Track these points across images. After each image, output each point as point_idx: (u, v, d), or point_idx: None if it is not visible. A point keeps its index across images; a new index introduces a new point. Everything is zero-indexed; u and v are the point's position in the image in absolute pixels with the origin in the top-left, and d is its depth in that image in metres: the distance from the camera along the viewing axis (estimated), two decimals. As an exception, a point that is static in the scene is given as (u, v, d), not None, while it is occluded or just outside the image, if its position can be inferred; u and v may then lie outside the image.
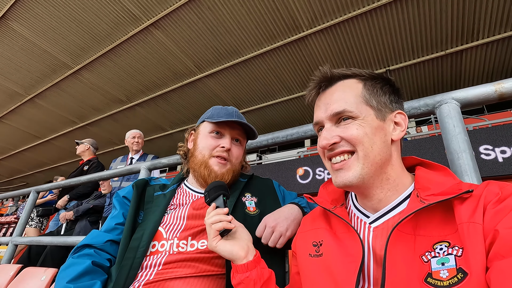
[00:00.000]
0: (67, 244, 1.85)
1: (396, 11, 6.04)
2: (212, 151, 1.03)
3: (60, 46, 7.34)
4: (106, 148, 13.03)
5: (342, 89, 0.69)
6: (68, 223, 3.36)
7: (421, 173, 0.64)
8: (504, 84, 0.81)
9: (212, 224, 0.75)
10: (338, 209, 0.69)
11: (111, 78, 8.55)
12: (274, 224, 0.86)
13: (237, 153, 1.06)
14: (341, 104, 0.66)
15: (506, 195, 0.51)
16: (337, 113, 0.66)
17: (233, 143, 1.06)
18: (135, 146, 3.45)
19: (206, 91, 8.96)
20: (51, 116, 10.83)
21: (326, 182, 0.81)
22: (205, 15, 6.32)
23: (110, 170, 2.02)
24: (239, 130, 1.07)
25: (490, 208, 0.50)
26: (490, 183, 0.56)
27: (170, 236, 0.89)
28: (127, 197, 1.07)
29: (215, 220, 0.75)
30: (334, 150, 0.66)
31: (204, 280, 0.81)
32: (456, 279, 0.47)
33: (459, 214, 0.52)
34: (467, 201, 0.53)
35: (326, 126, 0.68)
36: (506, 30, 6.34)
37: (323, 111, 0.69)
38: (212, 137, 1.04)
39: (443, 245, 0.52)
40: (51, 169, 16.15)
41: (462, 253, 0.49)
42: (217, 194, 0.80)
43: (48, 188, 2.51)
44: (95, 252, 0.91)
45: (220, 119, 1.01)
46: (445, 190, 0.56)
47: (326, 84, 0.71)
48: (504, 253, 0.43)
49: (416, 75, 8.03)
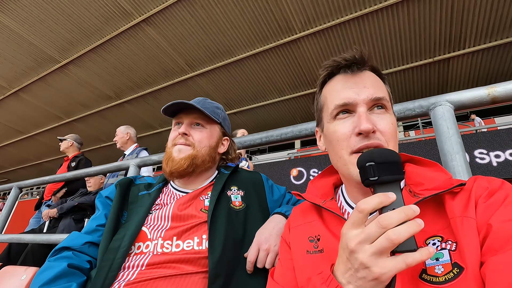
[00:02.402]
0: (50, 242, 1.78)
1: (387, 18, 6.16)
2: (173, 141, 1.02)
3: (48, 39, 7.15)
4: (93, 145, 12.75)
5: (374, 77, 0.66)
6: (51, 220, 3.25)
7: (411, 169, 0.63)
8: (497, 88, 0.83)
9: (391, 229, 0.39)
10: (328, 203, 0.67)
11: (100, 73, 8.38)
12: (267, 247, 0.83)
13: (199, 136, 1.01)
14: (380, 91, 0.62)
15: (494, 189, 0.51)
16: (377, 99, 0.61)
17: (192, 127, 1.03)
18: (117, 143, 3.38)
19: (197, 90, 8.89)
20: (36, 111, 10.53)
21: (314, 178, 0.79)
22: (198, 13, 6.27)
23: (98, 167, 1.96)
24: (197, 114, 1.03)
25: (481, 202, 0.50)
26: (478, 177, 0.56)
27: (154, 236, 0.86)
28: (110, 197, 1.02)
29: (396, 222, 0.40)
30: (370, 140, 0.58)
31: (187, 279, 0.78)
32: (452, 274, 0.46)
33: (451, 208, 0.51)
34: (458, 196, 0.53)
35: (361, 109, 0.60)
36: (491, 40, 6.57)
37: (356, 91, 0.61)
38: (174, 130, 1.04)
39: (436, 240, 0.51)
40: (35, 166, 15.68)
41: (456, 248, 0.48)
42: (394, 177, 0.47)
43: (31, 184, 2.43)
44: (73, 254, 0.87)
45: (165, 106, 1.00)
46: (438, 184, 0.56)
47: (358, 65, 0.65)
48: (498, 247, 0.43)
49: (405, 81, 8.21)
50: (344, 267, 0.44)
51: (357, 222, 0.43)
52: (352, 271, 0.42)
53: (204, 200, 0.96)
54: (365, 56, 0.65)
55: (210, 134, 1.05)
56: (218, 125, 1.10)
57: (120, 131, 3.39)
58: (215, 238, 0.82)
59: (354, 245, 0.41)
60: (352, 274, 0.42)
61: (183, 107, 1.02)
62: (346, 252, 0.43)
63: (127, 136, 3.38)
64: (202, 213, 0.91)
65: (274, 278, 0.70)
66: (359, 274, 0.41)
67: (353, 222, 0.43)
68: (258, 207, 0.99)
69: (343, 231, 0.45)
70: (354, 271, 0.42)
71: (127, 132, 3.39)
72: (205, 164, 1.03)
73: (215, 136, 1.08)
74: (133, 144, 3.40)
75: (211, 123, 1.07)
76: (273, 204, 1.04)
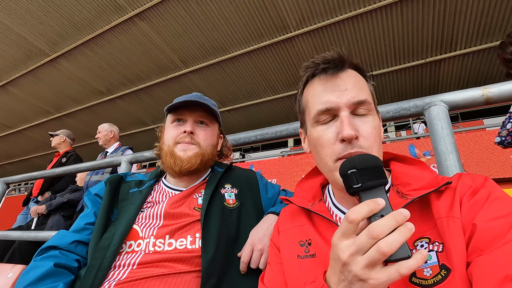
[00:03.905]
0: (38, 240, 1.74)
1: (381, 18, 6.21)
2: (176, 139, 0.98)
3: (37, 31, 6.96)
4: (84, 141, 12.52)
5: (356, 78, 0.63)
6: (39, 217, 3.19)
7: (397, 168, 0.63)
8: (491, 89, 0.84)
9: (382, 240, 0.38)
10: (316, 206, 0.66)
11: (91, 68, 8.22)
12: (261, 247, 0.82)
13: (204, 135, 1.00)
14: (363, 93, 0.60)
15: (478, 187, 0.51)
16: (360, 102, 0.59)
17: (197, 126, 1.01)
18: (99, 140, 3.33)
19: (191, 87, 8.80)
20: (24, 105, 10.27)
21: (301, 180, 0.77)
22: (192, 9, 6.20)
23: (89, 163, 1.92)
24: (202, 112, 1.02)
25: (466, 201, 0.50)
26: (462, 175, 0.56)
27: (146, 234, 0.84)
28: (99, 194, 1.00)
29: (387, 231, 0.38)
30: (354, 149, 0.56)
31: (179, 278, 0.77)
32: (440, 276, 0.47)
33: (437, 208, 0.51)
34: (443, 195, 0.53)
35: (345, 114, 0.58)
36: (481, 43, 6.69)
37: (338, 95, 0.59)
38: (174, 127, 1.01)
39: (423, 242, 0.51)
40: (23, 161, 15.34)
41: (443, 249, 0.48)
42: (377, 182, 0.46)
43: (19, 179, 2.37)
44: (60, 253, 0.84)
45: (175, 103, 0.97)
46: (425, 184, 0.55)
47: (338, 66, 0.62)
48: (483, 247, 0.44)
49: (397, 81, 8.30)
50: (337, 278, 0.43)
51: (348, 232, 0.41)
52: (346, 283, 0.42)
53: (197, 199, 0.95)
54: (345, 55, 0.63)
55: (212, 133, 1.05)
56: (217, 124, 1.09)
57: (103, 128, 3.35)
58: (208, 237, 0.81)
59: (346, 257, 0.40)
60: (346, 285, 0.42)
61: (188, 103, 0.99)
62: (338, 264, 0.42)
63: (111, 134, 3.35)
64: (196, 212, 0.90)
65: (264, 282, 0.69)
66: (353, 286, 0.40)
67: (344, 233, 0.42)
68: (252, 205, 0.98)
69: (334, 242, 0.43)
70: (348, 283, 0.41)
71: (111, 130, 3.36)
72: (208, 163, 1.02)
73: (216, 135, 1.07)
74: (116, 143, 3.37)
75: (213, 121, 1.07)
76: (267, 202, 1.03)
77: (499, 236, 0.43)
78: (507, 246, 0.41)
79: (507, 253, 0.41)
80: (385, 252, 0.37)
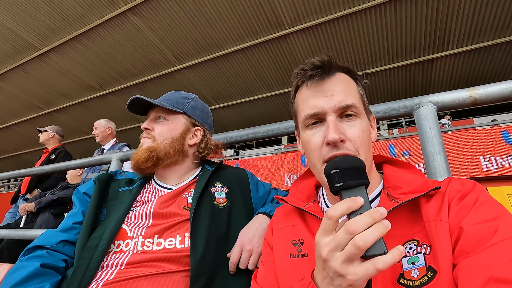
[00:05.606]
0: (27, 238, 1.71)
1: (375, 17, 6.24)
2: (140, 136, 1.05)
3: (27, 25, 6.81)
4: (75, 137, 12.35)
5: (344, 82, 0.64)
6: (28, 215, 3.14)
7: (389, 171, 0.64)
8: (478, 90, 0.85)
9: (358, 235, 0.39)
10: (310, 206, 0.67)
11: (83, 63, 8.09)
12: (250, 247, 0.82)
13: (159, 129, 1.02)
14: (350, 97, 0.61)
15: (466, 191, 0.52)
16: (346, 106, 0.60)
17: (155, 122, 1.04)
18: (96, 137, 3.29)
19: (184, 83, 8.74)
20: (13, 100, 10.07)
21: (296, 180, 0.79)
22: (186, 4, 6.14)
23: (78, 160, 1.90)
24: (159, 108, 1.04)
25: (454, 205, 0.51)
26: (452, 179, 0.57)
27: (135, 234, 0.83)
28: (88, 193, 0.98)
29: (364, 227, 0.39)
30: (339, 150, 0.58)
31: (168, 278, 0.77)
32: (426, 278, 0.48)
33: (426, 212, 0.52)
34: (433, 199, 0.54)
35: (331, 118, 0.60)
36: (473, 43, 6.79)
37: (324, 100, 0.61)
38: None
39: (412, 244, 0.52)
40: (12, 157, 15.06)
41: (430, 251, 0.50)
42: (358, 182, 0.48)
43: (8, 176, 2.32)
44: (47, 253, 0.83)
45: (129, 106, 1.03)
46: (415, 188, 0.57)
47: (326, 71, 0.63)
48: (469, 249, 0.45)
49: (390, 80, 8.37)
50: (321, 275, 0.44)
51: (328, 229, 0.42)
52: (328, 279, 0.43)
53: (187, 198, 0.94)
54: (333, 60, 0.64)
55: (172, 126, 1.03)
56: (183, 115, 1.06)
57: (101, 124, 3.30)
58: (197, 236, 0.81)
59: (326, 253, 0.41)
60: (329, 282, 0.43)
61: (133, 103, 1.03)
62: (320, 260, 0.43)
63: (109, 130, 3.30)
64: (185, 211, 0.89)
65: (257, 280, 0.70)
66: (335, 282, 0.41)
67: (324, 230, 0.43)
68: (242, 204, 0.97)
69: (316, 239, 0.44)
70: (330, 279, 0.42)
71: (109, 127, 3.31)
72: (171, 157, 1.00)
73: (179, 128, 1.04)
74: (113, 139, 3.33)
75: (174, 114, 1.04)
76: (258, 200, 1.03)
77: (485, 239, 0.44)
78: (492, 249, 0.42)
79: (491, 255, 0.42)
80: (360, 246, 0.37)
